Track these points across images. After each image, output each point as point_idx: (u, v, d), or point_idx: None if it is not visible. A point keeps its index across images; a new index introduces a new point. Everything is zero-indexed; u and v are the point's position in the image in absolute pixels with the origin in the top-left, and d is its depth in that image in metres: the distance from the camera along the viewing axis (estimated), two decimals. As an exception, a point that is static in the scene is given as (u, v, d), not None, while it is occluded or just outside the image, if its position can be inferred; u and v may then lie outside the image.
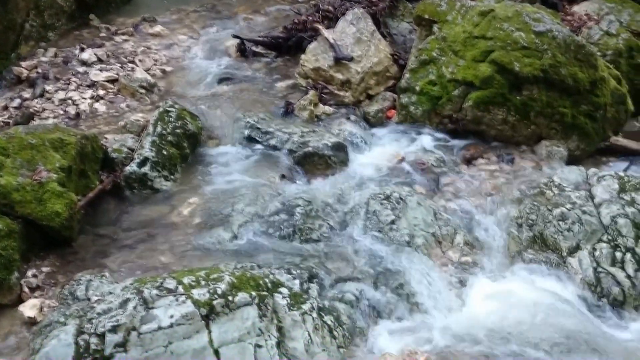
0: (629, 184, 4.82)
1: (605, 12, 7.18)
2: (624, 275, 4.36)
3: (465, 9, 6.14)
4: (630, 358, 3.96)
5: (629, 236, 4.51)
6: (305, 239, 4.66)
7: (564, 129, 5.70)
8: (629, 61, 6.75)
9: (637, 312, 4.29)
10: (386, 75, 6.74)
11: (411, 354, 3.92)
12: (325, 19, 7.19)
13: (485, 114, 5.75)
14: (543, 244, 4.67)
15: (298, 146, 5.63)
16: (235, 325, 3.54)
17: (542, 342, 4.02)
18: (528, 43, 5.54)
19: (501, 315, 4.21)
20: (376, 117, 6.40)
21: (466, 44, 5.86)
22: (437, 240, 4.82)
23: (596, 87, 5.60)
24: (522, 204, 4.98)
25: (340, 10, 7.09)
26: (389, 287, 4.36)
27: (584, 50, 5.57)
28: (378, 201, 4.94)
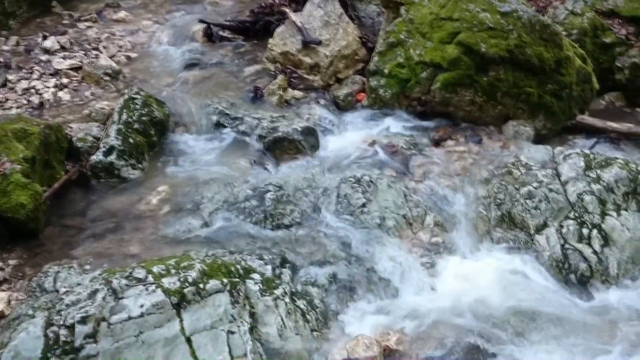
0: (595, 162, 4.91)
1: (572, -9, 7.25)
2: (591, 251, 4.45)
3: (432, -10, 6.16)
4: (598, 331, 4.04)
5: (595, 213, 4.59)
6: (277, 225, 4.65)
7: (530, 108, 5.77)
8: (594, 40, 6.83)
9: (604, 286, 4.38)
10: (355, 59, 6.72)
11: (384, 334, 3.97)
12: (292, 2, 7.15)
13: (453, 95, 5.79)
14: (511, 223, 4.73)
15: (268, 131, 5.59)
16: (207, 313, 3.52)
17: (512, 319, 4.09)
18: (494, 24, 5.57)
19: (471, 294, 4.27)
20: (346, 101, 6.39)
21: (433, 25, 5.87)
22: (407, 221, 4.85)
23: (561, 66, 5.67)
24: (490, 183, 5.04)
25: (307, -7, 7.03)
26: (361, 270, 4.39)
27: (549, 30, 5.62)
28: (349, 185, 4.95)
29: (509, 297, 4.24)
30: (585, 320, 4.12)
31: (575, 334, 3.99)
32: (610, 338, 3.96)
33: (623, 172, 4.72)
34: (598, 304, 4.27)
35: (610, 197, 4.63)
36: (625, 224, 4.53)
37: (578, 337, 3.96)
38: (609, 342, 3.93)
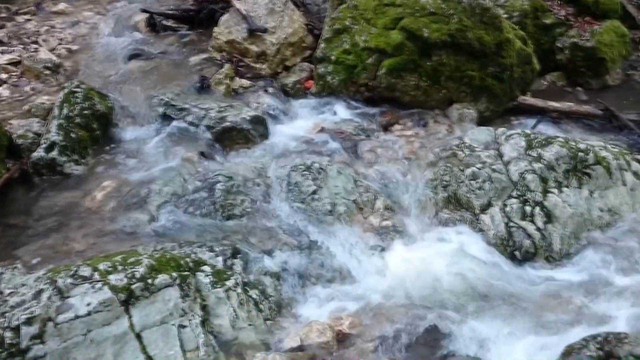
0: (535, 141, 5.06)
1: (510, -26, 7.37)
2: (534, 228, 4.59)
3: (375, -24, 6.19)
4: (543, 305, 4.18)
5: (537, 190, 4.74)
6: (228, 215, 4.63)
7: (473, 91, 5.89)
8: (535, 21, 6.98)
9: (547, 262, 4.52)
10: (302, 46, 6.71)
11: (337, 319, 4.01)
12: (236, -11, 7.05)
13: (398, 80, 5.85)
14: (457, 204, 4.84)
15: (216, 122, 5.54)
16: (156, 308, 3.49)
17: (461, 297, 4.19)
18: (435, 9, 5.65)
19: (421, 275, 4.35)
20: (294, 89, 6.38)
21: (377, 11, 5.90)
22: (358, 207, 4.90)
23: (502, 48, 5.79)
24: (436, 166, 5.13)
25: (251, -19, 6.95)
26: (314, 257, 4.42)
27: (489, 13, 5.73)
28: (299, 172, 4.97)
29: (457, 277, 4.33)
30: (531, 296, 4.25)
31: (522, 310, 4.11)
32: (555, 312, 4.08)
33: (563, 150, 4.88)
34: (543, 279, 4.40)
35: (552, 175, 4.79)
36: (567, 201, 4.69)
37: (525, 313, 4.08)
38: (554, 316, 4.05)
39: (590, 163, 4.83)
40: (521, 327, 3.95)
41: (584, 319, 3.98)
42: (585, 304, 4.11)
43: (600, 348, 3.52)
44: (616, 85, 6.88)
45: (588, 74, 6.85)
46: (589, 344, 3.56)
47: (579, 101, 6.48)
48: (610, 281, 4.24)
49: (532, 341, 3.83)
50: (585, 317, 4.00)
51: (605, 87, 6.83)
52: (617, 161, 4.91)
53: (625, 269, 4.30)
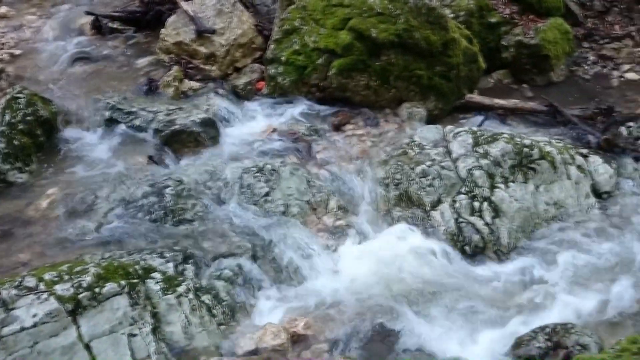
0: (482, 138, 5.17)
1: (456, -26, 7.50)
2: (483, 223, 4.69)
3: (322, -23, 6.21)
4: (493, 299, 4.27)
5: (485, 186, 4.84)
6: (178, 220, 4.56)
7: (421, 90, 5.96)
8: (481, 20, 7.11)
9: (496, 256, 4.62)
10: (252, 47, 6.68)
11: (292, 321, 4.01)
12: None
13: (349, 80, 5.89)
14: (409, 201, 4.90)
15: (164, 125, 5.45)
16: (105, 317, 3.42)
17: (414, 294, 4.25)
18: (382, 9, 5.70)
19: (374, 273, 4.39)
20: (245, 90, 6.34)
21: (325, 12, 5.93)
22: (311, 207, 4.91)
23: (448, 48, 5.89)
24: (388, 164, 5.19)
25: (198, -18, 6.88)
26: (267, 259, 4.41)
27: (434, 13, 5.82)
28: (251, 174, 4.94)
29: (409, 273, 4.40)
30: (482, 290, 4.34)
31: (473, 304, 4.18)
32: (505, 305, 4.18)
33: (509, 146, 5.01)
34: (492, 273, 4.50)
35: (498, 170, 4.90)
36: (514, 195, 4.80)
37: (476, 307, 4.16)
38: (504, 309, 4.14)
39: (535, 158, 4.96)
40: (472, 320, 4.03)
41: (532, 311, 4.09)
42: (533, 295, 4.23)
43: (548, 339, 3.63)
44: (560, 81, 7.08)
45: (533, 71, 7.02)
46: (537, 335, 3.68)
47: (524, 98, 6.64)
48: (556, 273, 4.37)
49: (483, 334, 3.92)
50: (534, 309, 4.11)
51: (550, 83, 7.01)
52: (561, 156, 5.06)
53: (571, 260, 4.44)
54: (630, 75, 7.07)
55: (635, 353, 2.75)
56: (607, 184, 5.08)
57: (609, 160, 5.27)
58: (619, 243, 4.54)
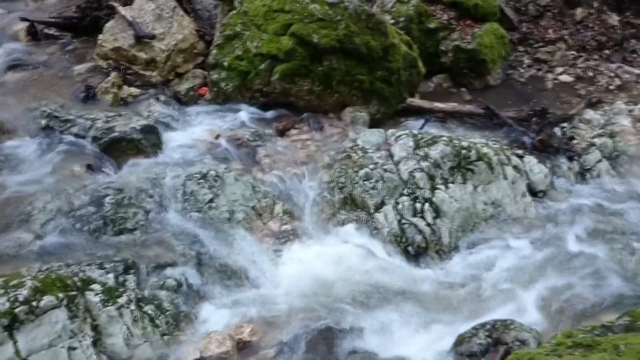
0: (423, 141, 5.28)
1: (395, -19, 7.64)
2: (424, 223, 4.79)
3: (263, -18, 6.22)
4: (436, 298, 4.36)
5: (426, 188, 4.95)
6: (119, 230, 4.46)
7: (364, 94, 6.05)
8: (420, 26, 7.27)
9: (438, 255, 4.73)
10: (194, 52, 6.61)
11: (237, 328, 3.99)
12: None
13: (292, 85, 5.91)
14: (353, 204, 4.95)
15: (103, 132, 5.33)
16: (43, 331, 3.33)
17: (358, 295, 4.30)
18: (323, 15, 5.75)
19: (320, 277, 4.41)
20: (188, 96, 6.28)
21: (267, 17, 5.93)
22: (257, 213, 4.90)
23: (388, 53, 5.99)
24: (332, 168, 5.23)
25: (137, -13, 6.77)
26: (212, 267, 4.37)
27: (374, 19, 5.91)
28: (195, 181, 4.89)
29: (354, 275, 4.45)
30: (424, 289, 4.43)
31: (416, 303, 4.27)
32: (447, 303, 4.29)
33: (448, 148, 5.13)
34: (434, 272, 4.61)
35: (438, 172, 5.02)
36: (453, 196, 4.93)
37: (420, 306, 4.25)
38: (446, 307, 4.25)
39: (473, 159, 5.10)
40: (416, 320, 4.11)
41: (473, 308, 4.21)
42: (474, 293, 4.35)
43: (489, 335, 3.74)
44: (497, 84, 7.32)
45: (471, 75, 7.23)
46: (478, 332, 3.78)
47: (463, 101, 6.83)
48: (495, 270, 4.50)
49: (426, 333, 4.00)
50: (475, 306, 4.23)
51: (487, 86, 7.24)
52: (497, 157, 5.22)
53: (508, 258, 4.58)
54: (563, 78, 7.37)
55: (570, 346, 2.87)
56: (542, 183, 5.28)
57: (543, 160, 5.48)
58: (554, 241, 4.72)
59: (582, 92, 6.97)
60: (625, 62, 7.58)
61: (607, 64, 7.54)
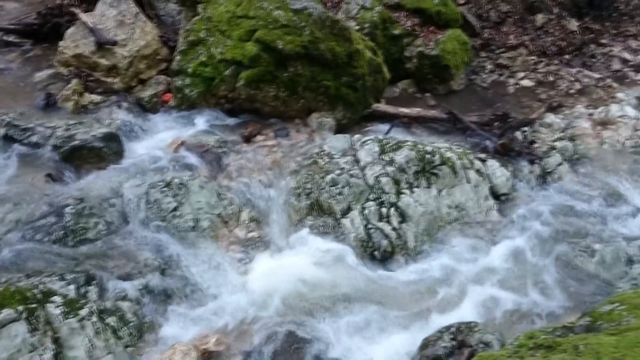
0: (388, 146, 5.31)
1: (360, -13, 7.69)
2: (390, 228, 4.81)
3: (227, -12, 6.20)
4: (402, 302, 4.39)
5: (391, 192, 4.98)
6: (80, 240, 4.38)
7: (329, 100, 6.06)
8: (384, 32, 7.33)
9: (404, 259, 4.75)
10: (157, 59, 6.54)
11: (202, 338, 3.94)
12: (83, 2, 6.73)
13: (257, 91, 5.89)
14: (320, 210, 4.95)
15: (64, 141, 5.22)
16: (2, 345, 3.25)
17: (325, 301, 4.30)
18: (287, 21, 5.75)
19: (287, 283, 4.39)
20: (151, 103, 6.20)
21: (231, 23, 5.90)
22: (223, 220, 4.86)
23: (353, 59, 6.02)
24: (298, 174, 5.23)
25: (99, -8, 6.67)
26: (176, 277, 4.32)
27: (338, 26, 5.93)
28: (158, 189, 4.83)
29: (321, 281, 4.44)
30: (391, 293, 4.45)
31: (383, 308, 4.29)
32: (413, 307, 4.31)
33: (412, 153, 5.18)
34: (400, 276, 4.62)
35: (403, 177, 5.06)
36: (418, 200, 4.97)
37: (386, 311, 4.27)
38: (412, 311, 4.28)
39: (437, 164, 5.16)
40: (382, 325, 4.12)
41: (438, 311, 4.24)
42: (439, 296, 4.38)
43: (453, 338, 3.77)
44: (460, 89, 7.42)
45: (435, 81, 7.32)
46: (443, 335, 3.81)
47: (427, 106, 6.90)
48: (460, 273, 4.54)
49: (393, 338, 4.02)
50: (440, 309, 4.27)
51: (451, 92, 7.34)
52: (461, 161, 5.29)
53: (473, 261, 4.64)
54: (524, 83, 7.50)
55: (532, 348, 2.91)
56: (504, 186, 5.37)
57: (505, 163, 5.57)
58: (516, 243, 4.78)
59: (543, 96, 7.11)
60: (585, 67, 7.76)
61: (567, 68, 7.71)
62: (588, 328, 3.11)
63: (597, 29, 8.38)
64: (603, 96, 7.01)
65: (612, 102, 6.74)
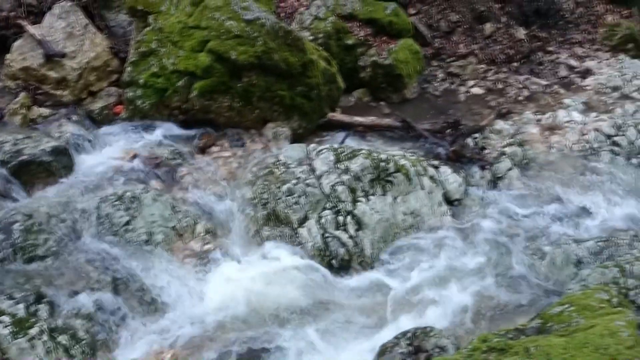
0: (343, 155, 5.35)
1: (313, -3, 7.76)
2: (347, 236, 4.84)
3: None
4: (360, 309, 4.41)
5: (348, 200, 5.01)
6: (29, 257, 4.24)
7: (285, 110, 6.07)
8: (338, 42, 7.40)
9: (361, 267, 4.79)
10: (108, 70, 6.43)
11: (158, 354, 3.87)
12: (30, 14, 6.57)
13: (211, 102, 5.85)
14: (277, 220, 4.94)
15: (11, 156, 5.06)
16: (-56, 371, 3.11)
17: (283, 312, 4.29)
18: (240, 31, 5.74)
19: (244, 295, 4.37)
20: (102, 115, 6.10)
21: (183, 34, 5.86)
22: (177, 233, 4.80)
23: (307, 69, 6.04)
24: (255, 185, 5.21)
25: (46, 4, 6.53)
26: (130, 291, 4.24)
27: (292, 36, 5.95)
28: (110, 203, 4.74)
29: (279, 292, 4.43)
30: (349, 302, 4.48)
31: (341, 316, 4.31)
32: (371, 315, 4.34)
33: (367, 161, 5.23)
34: (358, 284, 4.65)
35: (359, 185, 5.10)
36: (374, 208, 5.02)
37: (344, 319, 4.29)
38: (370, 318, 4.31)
39: (392, 171, 5.22)
40: (340, 333, 4.15)
41: (396, 317, 4.28)
42: (396, 302, 4.42)
43: (410, 344, 3.80)
44: (414, 98, 7.54)
45: (389, 89, 7.42)
46: (400, 341, 3.83)
47: (382, 115, 6.98)
48: (416, 279, 4.60)
49: (351, 345, 4.03)
50: (397, 315, 4.30)
51: (404, 100, 7.45)
52: (414, 168, 5.37)
53: (428, 266, 4.70)
54: (475, 90, 7.68)
55: (485, 351, 2.96)
56: (457, 192, 5.47)
57: (457, 169, 5.69)
58: (469, 247, 4.88)
59: (492, 103, 7.29)
60: (533, 74, 8.00)
61: (516, 76, 7.93)
62: (539, 330, 3.18)
63: (544, 36, 8.66)
64: (550, 102, 7.23)
65: (559, 107, 6.96)
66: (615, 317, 3.00)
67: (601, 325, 2.87)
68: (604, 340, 2.72)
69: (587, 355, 2.64)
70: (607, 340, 2.72)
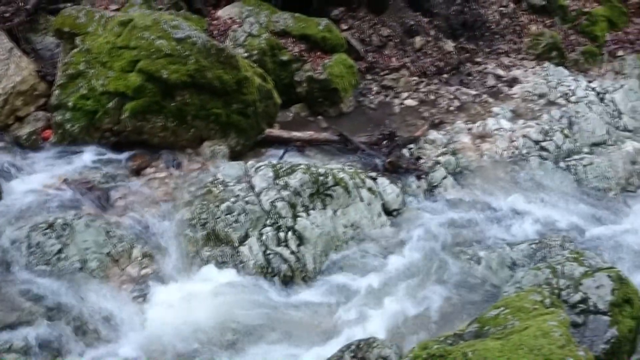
0: (282, 170, 5.35)
1: (245, 15, 7.76)
2: (289, 252, 4.83)
3: (105, 20, 6.01)
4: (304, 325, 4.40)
5: (288, 216, 5.01)
6: (-46, 293, 4.04)
7: (221, 128, 6.01)
8: (273, 59, 7.42)
9: (304, 282, 4.79)
10: (35, 94, 6.20)
11: (97, 385, 3.74)
12: (-52, 37, 6.28)
13: (144, 123, 5.73)
14: (217, 240, 4.88)
15: None
16: None
17: (226, 332, 4.23)
18: (171, 50, 5.66)
19: (184, 318, 4.28)
20: (30, 140, 5.88)
21: (112, 54, 5.73)
22: (113, 259, 4.67)
23: (242, 86, 6.01)
24: (193, 205, 5.13)
25: (-36, 29, 6.27)
26: (65, 322, 4.09)
27: (224, 54, 5.92)
28: (40, 232, 4.58)
29: (221, 312, 4.37)
30: (292, 318, 4.46)
31: (285, 333, 4.30)
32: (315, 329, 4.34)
33: (306, 176, 5.25)
34: (301, 299, 4.64)
35: (299, 200, 5.11)
36: (315, 222, 5.04)
37: (288, 335, 4.28)
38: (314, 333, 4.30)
39: (331, 185, 5.26)
40: (285, 350, 4.12)
41: (340, 330, 4.31)
42: (340, 315, 4.45)
43: (354, 356, 3.81)
44: (350, 111, 7.61)
45: (326, 104, 7.48)
46: (344, 354, 3.84)
47: (319, 129, 7.02)
48: (358, 290, 4.65)
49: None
50: (341, 328, 4.33)
51: (341, 114, 7.51)
52: (353, 180, 5.43)
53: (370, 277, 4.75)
54: (408, 102, 7.84)
55: (425, 358, 3.00)
56: (395, 202, 5.56)
57: (395, 180, 5.79)
58: (408, 256, 4.97)
59: (425, 114, 7.46)
60: (463, 84, 8.25)
61: (447, 87, 8.16)
62: (477, 334, 3.26)
63: (472, 48, 8.96)
64: (480, 111, 7.48)
65: (489, 116, 7.21)
66: (548, 317, 3.11)
67: (535, 326, 2.97)
68: (538, 341, 2.81)
69: (522, 357, 2.72)
70: (540, 341, 2.81)
